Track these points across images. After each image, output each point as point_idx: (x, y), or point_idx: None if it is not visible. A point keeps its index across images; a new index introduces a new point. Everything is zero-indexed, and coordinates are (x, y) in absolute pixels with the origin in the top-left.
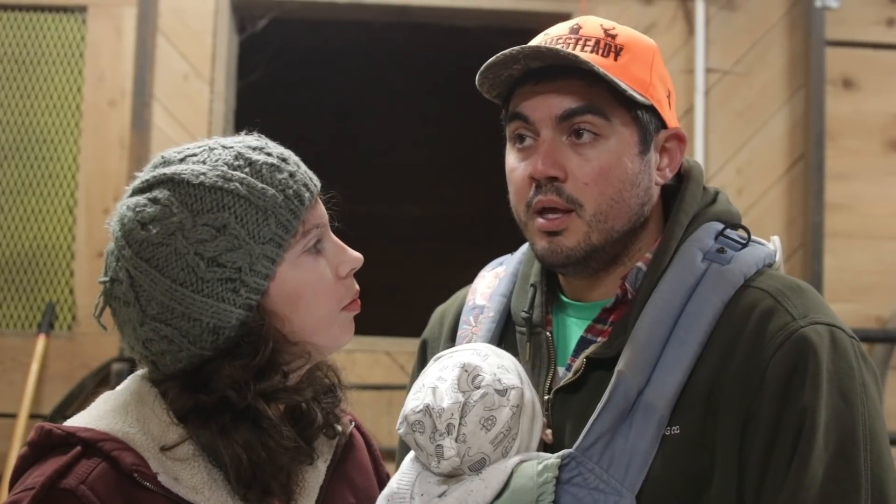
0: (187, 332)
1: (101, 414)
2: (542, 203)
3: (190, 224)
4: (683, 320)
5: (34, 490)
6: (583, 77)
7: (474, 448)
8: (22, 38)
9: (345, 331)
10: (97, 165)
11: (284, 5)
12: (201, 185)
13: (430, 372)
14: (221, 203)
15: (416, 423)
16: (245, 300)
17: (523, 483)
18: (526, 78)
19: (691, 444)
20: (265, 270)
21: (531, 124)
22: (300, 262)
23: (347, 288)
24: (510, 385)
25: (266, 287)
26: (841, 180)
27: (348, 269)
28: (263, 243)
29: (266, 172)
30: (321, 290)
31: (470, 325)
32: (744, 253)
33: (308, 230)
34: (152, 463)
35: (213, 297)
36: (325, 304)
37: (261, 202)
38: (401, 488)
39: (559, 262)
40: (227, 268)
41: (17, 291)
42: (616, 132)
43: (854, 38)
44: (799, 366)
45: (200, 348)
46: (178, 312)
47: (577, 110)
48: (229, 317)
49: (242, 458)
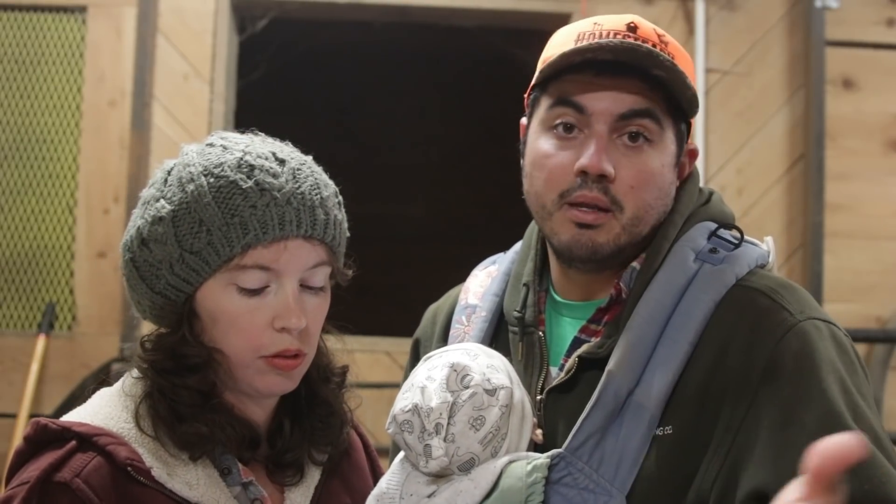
0: (133, 293)
1: (97, 409)
2: (585, 198)
3: (152, 202)
4: (675, 320)
5: (29, 484)
6: (645, 80)
7: (463, 448)
8: (22, 38)
9: (262, 380)
10: (97, 165)
11: (284, 5)
12: (178, 175)
13: (420, 372)
14: (174, 199)
15: (404, 422)
16: (164, 289)
17: (512, 483)
18: (583, 66)
19: (685, 444)
20: (184, 276)
21: (586, 115)
22: (227, 291)
23: (273, 341)
24: (499, 385)
25: (191, 290)
26: (841, 180)
27: (280, 325)
28: (189, 252)
29: (225, 191)
30: (238, 327)
31: (462, 325)
32: (736, 253)
33: (245, 266)
34: (147, 458)
35: (138, 270)
36: (238, 342)
37: (200, 214)
38: (390, 488)
39: (584, 254)
40: (153, 253)
41: (17, 291)
42: (664, 141)
43: (854, 38)
44: (803, 352)
45: (141, 312)
46: (126, 273)
47: (639, 112)
48: (145, 295)
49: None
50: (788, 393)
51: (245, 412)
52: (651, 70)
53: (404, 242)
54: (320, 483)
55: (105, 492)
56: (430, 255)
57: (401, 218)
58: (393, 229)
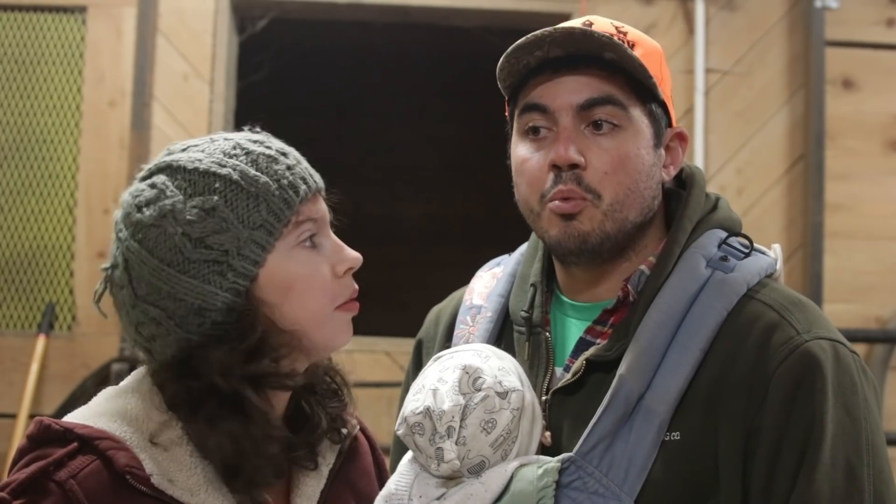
0: (173, 314)
1: (101, 410)
2: (561, 193)
3: (181, 206)
4: (686, 326)
5: (24, 475)
6: (602, 68)
7: (474, 451)
8: (22, 38)
9: (340, 330)
10: (97, 165)
11: (284, 5)
12: (195, 170)
13: (430, 373)
14: (213, 187)
15: (415, 424)
16: (232, 284)
17: (523, 487)
18: (542, 68)
19: (692, 451)
20: (254, 256)
21: (550, 114)
22: (293, 254)
23: (343, 287)
24: (511, 388)
25: (255, 273)
26: (841, 180)
27: (345, 268)
28: (253, 229)
29: (262, 162)
30: (313, 285)
31: (467, 325)
32: (746, 262)
33: (302, 222)
34: (147, 464)
35: (199, 277)
36: (318, 301)
37: (252, 188)
38: (399, 489)
39: (574, 246)
40: (214, 250)
41: (17, 291)
42: (633, 124)
43: (854, 39)
44: (804, 379)
45: (187, 331)
46: (164, 293)
47: (598, 100)
48: (214, 299)
49: (226, 447)
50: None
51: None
52: (602, 55)
53: (404, 242)
54: (326, 488)
55: (99, 497)
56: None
57: (401, 218)
58: (392, 229)
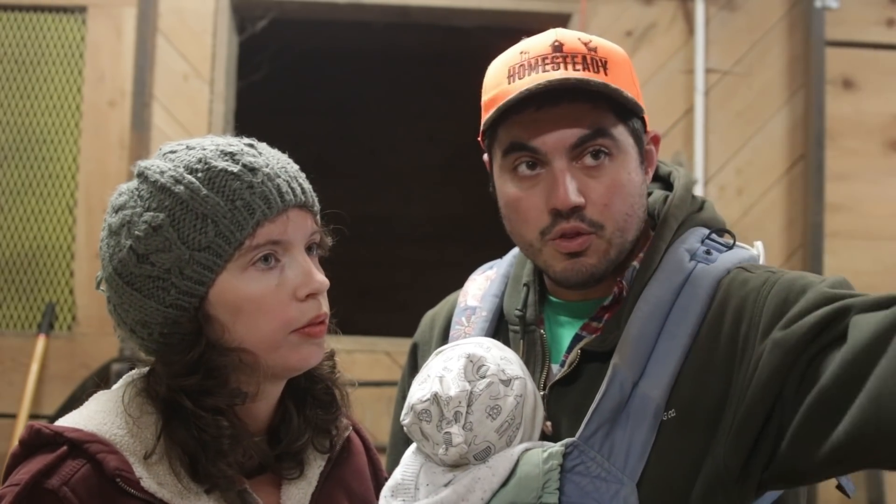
0: (125, 321)
1: (92, 414)
2: (565, 230)
3: (136, 219)
4: (674, 315)
5: (18, 487)
6: (587, 99)
7: (480, 436)
8: (22, 38)
9: (295, 353)
10: (97, 166)
11: (284, 5)
12: (155, 182)
13: (435, 363)
14: (163, 204)
15: (423, 411)
16: (175, 300)
17: (529, 470)
18: (524, 104)
19: (687, 424)
20: (198, 276)
21: (541, 154)
22: (246, 276)
23: (303, 311)
24: (514, 375)
25: (203, 292)
26: (841, 180)
27: (306, 292)
28: (197, 250)
29: (220, 180)
30: (264, 308)
31: (462, 326)
32: (728, 254)
33: (258, 244)
34: (136, 467)
35: (142, 291)
36: (269, 323)
37: (201, 209)
38: (405, 479)
39: (582, 280)
40: (157, 267)
41: (17, 291)
42: (621, 150)
43: (854, 39)
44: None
45: (140, 339)
46: (115, 300)
47: (588, 136)
48: (155, 314)
49: (181, 453)
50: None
51: (254, 411)
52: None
53: (404, 242)
54: (317, 489)
55: (91, 501)
56: (429, 255)
57: (401, 218)
58: (393, 229)
